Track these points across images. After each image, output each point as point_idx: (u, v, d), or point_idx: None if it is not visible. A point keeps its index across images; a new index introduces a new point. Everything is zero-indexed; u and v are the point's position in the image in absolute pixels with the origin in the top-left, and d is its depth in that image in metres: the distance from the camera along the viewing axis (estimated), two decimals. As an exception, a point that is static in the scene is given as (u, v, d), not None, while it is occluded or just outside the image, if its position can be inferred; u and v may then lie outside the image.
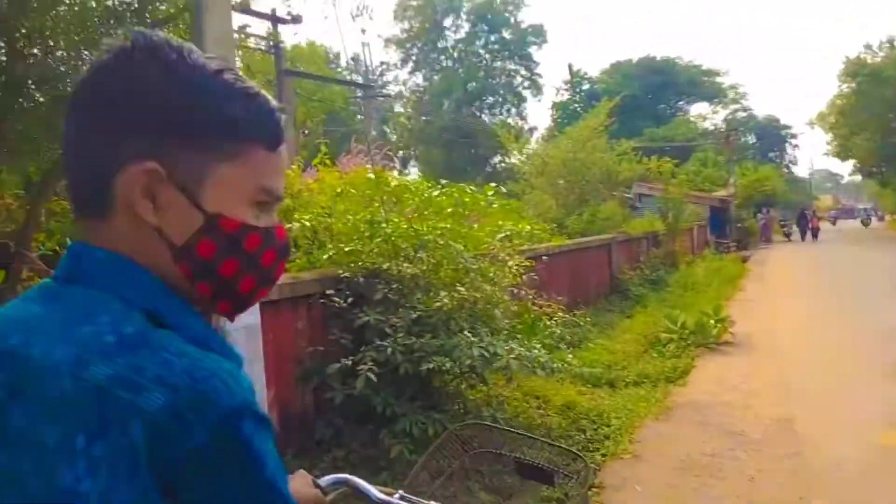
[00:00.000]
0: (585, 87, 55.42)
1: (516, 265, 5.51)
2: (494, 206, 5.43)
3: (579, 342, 8.09)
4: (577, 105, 47.33)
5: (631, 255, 14.04)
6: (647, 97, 55.06)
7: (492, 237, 5.52)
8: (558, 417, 5.08)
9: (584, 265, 11.28)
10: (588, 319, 9.44)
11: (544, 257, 6.48)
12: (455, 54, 47.70)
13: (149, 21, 3.80)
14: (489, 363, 4.15)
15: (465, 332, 4.35)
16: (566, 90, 58.14)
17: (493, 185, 5.71)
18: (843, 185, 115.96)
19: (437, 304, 4.40)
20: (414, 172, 45.26)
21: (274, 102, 0.79)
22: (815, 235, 33.60)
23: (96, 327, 0.68)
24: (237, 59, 3.28)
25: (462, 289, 4.49)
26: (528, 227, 5.47)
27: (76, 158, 0.75)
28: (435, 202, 5.10)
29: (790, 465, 4.04)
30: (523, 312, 5.68)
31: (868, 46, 33.91)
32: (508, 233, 5.38)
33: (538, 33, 47.75)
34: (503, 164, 35.89)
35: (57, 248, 4.03)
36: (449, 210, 5.21)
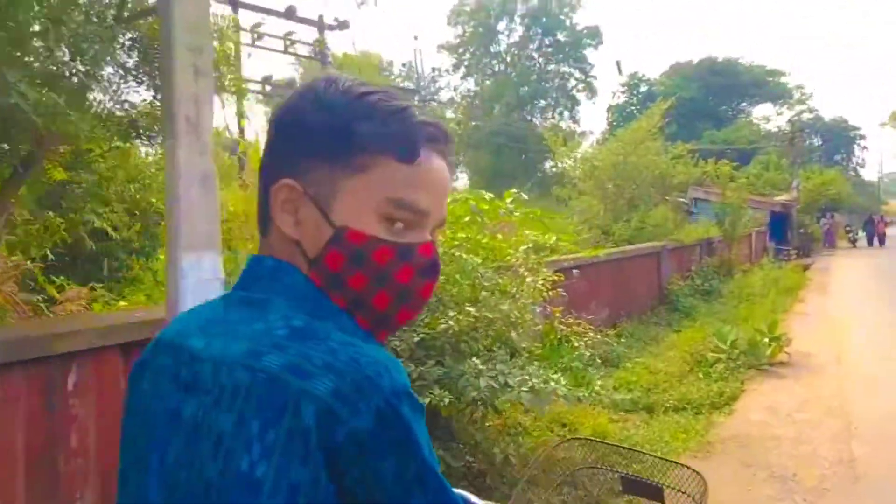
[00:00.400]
0: (643, 89, 54.11)
1: (543, 280, 5.03)
2: (516, 214, 4.95)
3: (618, 361, 7.55)
4: (633, 108, 46.28)
5: (682, 263, 13.28)
6: (708, 99, 53.40)
7: (515, 249, 5.06)
8: (583, 450, 4.58)
9: (629, 275, 10.66)
10: (626, 338, 8.90)
11: (575, 270, 5.95)
12: (508, 58, 47.15)
13: (127, 15, 3.51)
14: (498, 395, 3.70)
15: (475, 359, 3.91)
16: (622, 93, 56.95)
17: (514, 191, 5.22)
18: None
19: (443, 325, 3.97)
20: (463, 179, 45.10)
21: (423, 118, 0.80)
22: (882, 241, 32.45)
23: (267, 324, 0.75)
24: (212, 46, 2.88)
25: (472, 309, 4.04)
26: (554, 238, 4.97)
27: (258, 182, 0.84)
28: (449, 210, 4.67)
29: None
30: (549, 332, 5.19)
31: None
32: (531, 244, 4.89)
33: (594, 35, 46.70)
34: (554, 170, 35.21)
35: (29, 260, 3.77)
36: (466, 219, 4.79)
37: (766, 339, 7.22)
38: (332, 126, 0.78)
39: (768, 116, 56.03)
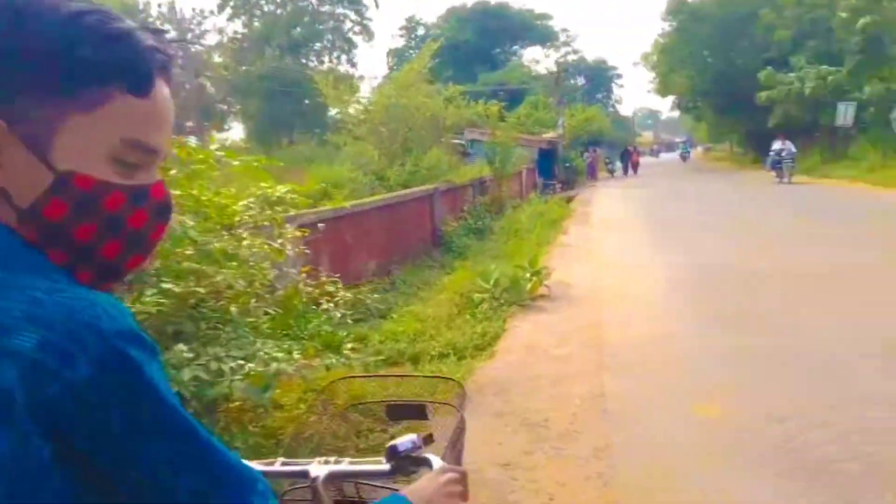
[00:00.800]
0: (420, 32, 54.38)
1: (281, 238, 4.40)
2: (236, 163, 4.21)
3: (388, 311, 7.24)
4: (412, 51, 46.20)
5: (456, 204, 13.39)
6: (483, 42, 55.19)
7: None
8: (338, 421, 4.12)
9: (402, 220, 10.41)
10: (400, 285, 8.68)
11: (320, 224, 5.38)
12: (278, -2, 44.38)
13: None
14: (206, 389, 3.04)
15: (180, 345, 3.20)
16: (401, 36, 56.79)
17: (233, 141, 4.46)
18: (663, 121, 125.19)
19: (138, 307, 3.19)
20: (238, 129, 42.20)
21: (151, 42, 0.73)
22: (635, 170, 36.34)
23: None
24: None
25: (169, 284, 3.28)
26: (284, 190, 4.34)
27: None
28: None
29: (596, 471, 3.32)
30: (293, 297, 4.59)
31: (690, -15, 35.47)
32: (253, 199, 4.19)
33: (365, -26, 45.44)
34: (339, 116, 34.13)
35: None
36: (172, 172, 3.95)
37: (528, 275, 7.30)
38: (44, 52, 0.67)
39: (537, 59, 59.64)
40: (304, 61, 42.89)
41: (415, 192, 11.37)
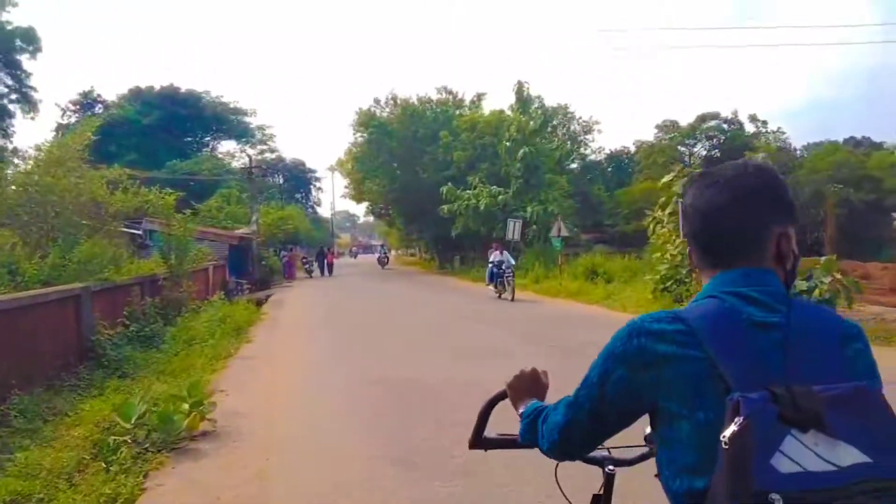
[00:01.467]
0: (99, 110, 49.10)
1: None
2: None
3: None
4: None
5: (117, 307, 11.10)
6: (172, 129, 51.86)
7: None
8: None
9: (30, 329, 8.01)
10: (20, 418, 6.38)
11: None
12: None
13: None
14: None
15: None
16: (74, 111, 50.64)
17: None
18: (360, 224, 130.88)
19: None
20: None
21: None
22: (330, 271, 36.45)
23: None
24: None
25: None
26: None
27: None
28: None
29: None
30: None
31: (377, 101, 37.70)
32: None
33: (29, 38, 39.78)
34: None
35: None
36: None
37: (187, 406, 5.77)
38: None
39: (233, 153, 57.81)
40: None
41: (52, 292, 8.99)
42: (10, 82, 39.36)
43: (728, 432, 1.02)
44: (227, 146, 62.59)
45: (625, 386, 1.25)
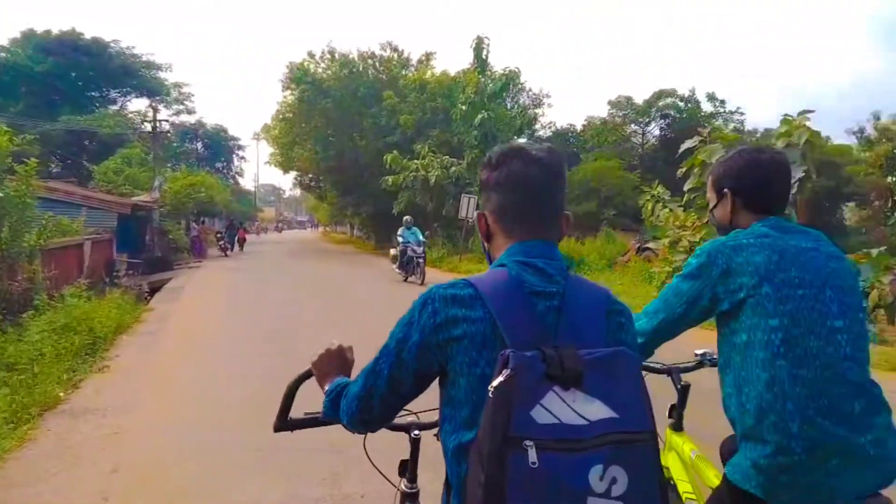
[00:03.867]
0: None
1: None
2: None
3: None
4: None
5: None
6: (74, 80, 45.25)
7: None
8: None
9: None
10: None
11: None
12: None
13: None
14: None
15: None
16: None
17: None
18: (286, 198, 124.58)
19: None
20: None
21: None
22: (241, 246, 32.88)
23: None
24: None
25: None
26: None
27: None
28: None
29: None
30: None
31: (311, 55, 32.61)
32: None
33: None
34: None
35: None
36: None
37: None
38: None
39: (145, 113, 51.26)
40: None
41: None
42: None
43: (496, 382, 1.12)
44: (139, 105, 56.08)
45: (420, 350, 1.33)
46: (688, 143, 12.06)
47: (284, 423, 1.70)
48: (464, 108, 25.37)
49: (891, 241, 21.28)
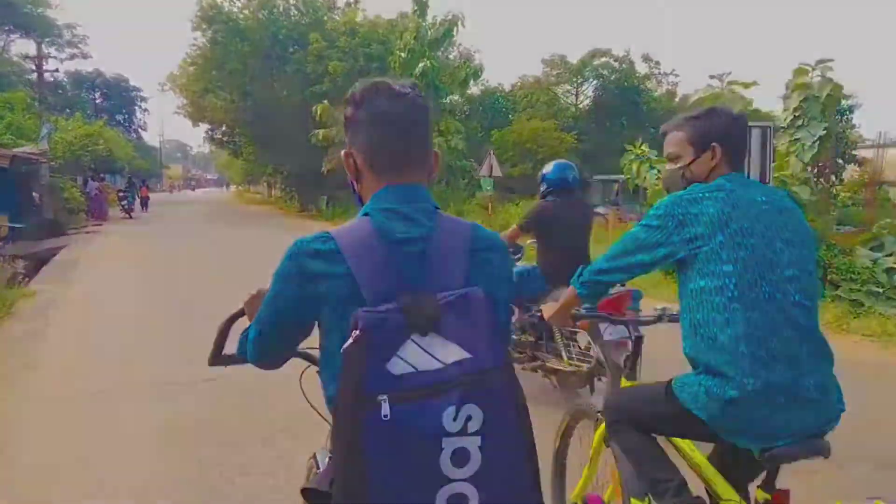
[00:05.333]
0: None
1: None
2: None
3: None
4: None
5: None
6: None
7: None
8: None
9: None
10: None
11: None
12: None
13: None
14: None
15: None
16: None
17: None
18: (194, 155, 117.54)
19: None
20: None
21: None
22: (144, 206, 30.80)
23: None
24: None
25: None
26: None
27: None
28: None
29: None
30: None
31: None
32: None
33: None
34: None
35: None
36: None
37: None
38: None
39: (31, 55, 45.32)
40: None
41: None
42: None
43: (346, 345, 1.12)
44: (24, 47, 49.82)
45: (292, 301, 1.32)
46: (696, 95, 10.70)
47: (218, 358, 1.79)
48: (402, 55, 22.95)
49: None
